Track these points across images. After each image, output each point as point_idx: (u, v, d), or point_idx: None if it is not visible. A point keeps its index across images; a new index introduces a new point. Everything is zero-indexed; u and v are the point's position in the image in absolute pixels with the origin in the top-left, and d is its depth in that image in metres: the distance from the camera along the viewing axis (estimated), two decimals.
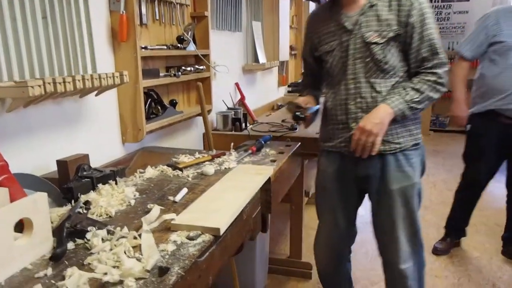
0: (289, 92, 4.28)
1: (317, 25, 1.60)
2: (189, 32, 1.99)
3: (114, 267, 0.85)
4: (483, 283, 2.35)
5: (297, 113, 1.60)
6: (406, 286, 1.60)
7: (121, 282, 0.80)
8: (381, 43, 1.44)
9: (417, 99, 1.44)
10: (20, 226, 0.91)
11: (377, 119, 1.42)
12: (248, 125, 2.57)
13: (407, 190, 1.53)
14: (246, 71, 3.10)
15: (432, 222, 3.18)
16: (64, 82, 1.17)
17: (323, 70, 1.63)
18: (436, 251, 2.71)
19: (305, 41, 1.70)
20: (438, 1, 6.49)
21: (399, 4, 1.44)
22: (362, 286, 2.29)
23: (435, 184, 4.07)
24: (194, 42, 2.08)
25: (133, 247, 0.93)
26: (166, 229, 1.03)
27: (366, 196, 1.66)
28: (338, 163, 1.62)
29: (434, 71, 1.45)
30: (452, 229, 2.75)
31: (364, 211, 1.94)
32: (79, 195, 1.19)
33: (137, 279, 0.81)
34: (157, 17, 1.86)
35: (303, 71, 1.85)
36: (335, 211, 1.67)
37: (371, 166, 1.54)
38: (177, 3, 1.97)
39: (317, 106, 1.67)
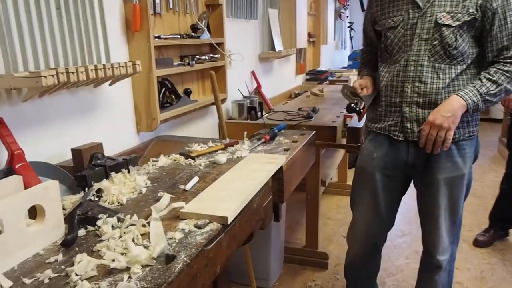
0: (307, 80, 4.23)
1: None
2: (203, 21, 1.99)
3: (122, 254, 0.86)
4: (508, 277, 2.29)
5: (352, 105, 1.52)
6: (438, 277, 1.58)
7: (127, 269, 0.81)
8: (454, 26, 1.34)
9: (493, 92, 1.35)
10: (34, 213, 0.94)
11: (449, 112, 1.34)
12: (264, 113, 2.56)
13: (454, 180, 1.48)
14: (262, 59, 3.08)
15: None
16: (77, 71, 1.19)
17: (381, 45, 1.54)
18: (477, 243, 2.63)
19: (367, 11, 1.59)
20: None
21: None
22: (379, 277, 2.26)
23: None
24: (209, 30, 2.07)
25: (142, 234, 0.95)
26: (175, 217, 1.04)
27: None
28: (386, 147, 1.54)
29: (510, 61, 1.36)
30: (496, 221, 2.68)
31: None
32: (92, 183, 1.21)
33: (144, 266, 0.82)
34: (171, 6, 1.86)
35: (362, 46, 1.75)
36: (378, 197, 1.59)
37: (422, 154, 1.47)
38: None
39: (375, 94, 1.56)
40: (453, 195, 1.49)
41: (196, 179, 1.30)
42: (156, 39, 1.68)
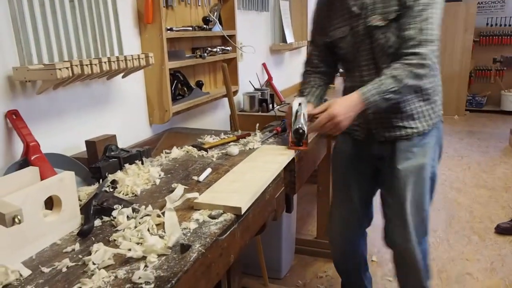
0: None
1: (327, 7, 1.49)
2: (215, 13, 1.98)
3: (137, 243, 0.88)
4: None
5: (301, 130, 1.40)
6: (415, 265, 1.52)
7: (144, 258, 0.83)
8: (382, 26, 1.33)
9: (393, 89, 1.27)
10: (49, 204, 0.95)
11: (349, 111, 1.29)
12: (275, 106, 2.55)
13: (414, 170, 1.45)
14: (274, 51, 3.06)
15: (465, 205, 3.08)
16: (90, 64, 1.20)
17: (336, 55, 1.54)
18: (498, 229, 2.65)
19: (315, 25, 1.57)
20: None
21: None
22: (389, 268, 2.26)
23: (469, 166, 3.93)
24: (220, 23, 2.07)
25: (157, 224, 0.96)
26: (189, 207, 1.05)
27: None
28: (351, 144, 1.59)
29: (417, 50, 1.27)
30: None
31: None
32: (106, 174, 1.23)
33: (159, 255, 0.84)
34: None
35: (307, 58, 1.66)
36: (350, 190, 1.63)
37: (384, 148, 1.49)
38: None
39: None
40: (416, 187, 1.46)
41: (209, 170, 1.30)
42: (168, 31, 1.68)
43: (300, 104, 1.44)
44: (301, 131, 1.40)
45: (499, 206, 3.04)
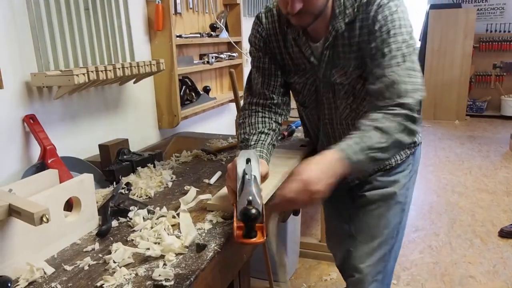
0: None
1: (279, 37, 1.19)
2: (222, 20, 2.03)
3: (155, 243, 0.91)
4: None
5: (253, 211, 0.82)
6: None
7: (162, 256, 0.86)
8: (347, 84, 1.14)
9: (383, 145, 0.95)
10: (68, 206, 0.99)
11: (325, 175, 0.90)
12: None
13: (382, 198, 1.27)
14: None
15: (466, 209, 3.11)
16: (105, 70, 1.24)
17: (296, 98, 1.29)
18: (502, 233, 2.68)
19: (262, 52, 1.23)
20: None
21: (364, 18, 1.05)
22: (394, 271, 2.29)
23: (470, 170, 3.96)
24: (227, 29, 2.11)
25: (172, 225, 0.99)
26: (202, 209, 1.08)
27: None
28: None
29: (402, 101, 0.98)
30: None
31: None
32: (120, 177, 1.26)
33: (177, 254, 0.87)
34: (191, 6, 1.90)
35: (248, 86, 1.29)
36: (334, 217, 1.52)
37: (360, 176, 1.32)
38: None
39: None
40: (381, 218, 1.28)
41: (219, 173, 1.34)
42: (178, 38, 1.73)
43: (248, 161, 0.95)
44: (253, 212, 0.81)
45: (501, 210, 3.07)
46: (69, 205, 0.98)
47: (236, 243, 0.86)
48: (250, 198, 0.85)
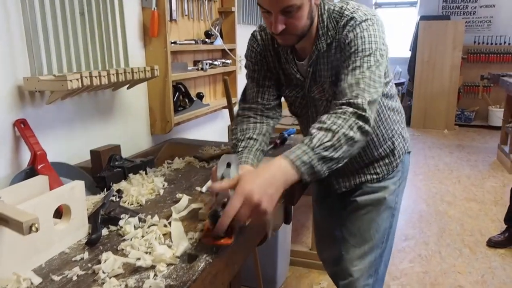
0: None
1: (273, 54, 1.27)
2: (217, 27, 2.03)
3: (146, 253, 0.90)
4: (508, 281, 2.32)
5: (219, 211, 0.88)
6: None
7: (153, 267, 0.85)
8: (324, 99, 1.21)
9: (328, 143, 0.94)
10: (57, 213, 0.97)
11: (267, 183, 0.89)
12: None
13: (372, 203, 1.34)
14: None
15: (455, 218, 3.14)
16: (99, 76, 1.23)
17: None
18: (490, 243, 2.70)
19: (257, 65, 1.29)
20: None
21: (339, 39, 1.12)
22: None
23: (459, 179, 4.01)
24: (221, 36, 2.11)
25: (163, 234, 0.98)
26: (194, 218, 1.07)
27: None
28: (316, 183, 1.52)
29: (352, 101, 1.01)
30: (509, 222, 2.73)
31: None
32: (111, 184, 1.25)
33: (168, 264, 0.86)
34: (186, 13, 1.90)
35: (244, 93, 1.35)
36: (325, 223, 1.58)
37: (347, 184, 1.39)
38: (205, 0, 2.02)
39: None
40: (371, 222, 1.34)
41: (211, 181, 1.33)
42: (172, 44, 1.72)
43: (229, 165, 0.99)
44: (220, 214, 0.86)
45: (489, 220, 3.11)
46: (59, 212, 0.96)
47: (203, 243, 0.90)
48: (226, 200, 0.89)
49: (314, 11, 1.10)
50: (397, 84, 5.93)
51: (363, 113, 0.99)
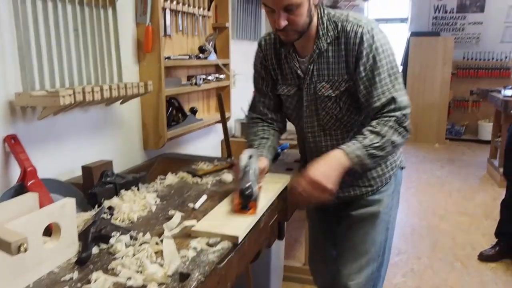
0: None
1: (276, 60, 1.37)
2: (211, 42, 2.04)
3: (137, 272, 0.88)
4: None
5: (248, 192, 1.15)
6: None
7: (144, 286, 0.83)
8: (334, 96, 1.28)
9: (377, 144, 1.18)
10: (47, 230, 0.95)
11: (329, 169, 1.15)
12: None
13: (368, 217, 1.38)
14: None
15: (447, 232, 3.15)
16: (92, 91, 1.22)
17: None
18: (481, 257, 2.70)
19: (262, 72, 1.41)
20: (453, 12, 6.47)
21: (347, 42, 1.23)
22: None
23: (450, 193, 4.03)
24: (215, 51, 2.13)
25: (155, 252, 0.97)
26: (186, 235, 1.06)
27: None
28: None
29: (392, 114, 1.20)
30: (500, 235, 2.75)
31: None
32: (102, 200, 1.23)
33: (159, 284, 0.84)
34: (180, 28, 1.91)
35: (252, 104, 1.51)
36: (320, 238, 1.60)
37: (344, 197, 1.41)
38: (199, 15, 2.03)
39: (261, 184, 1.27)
40: (366, 235, 1.38)
41: (204, 197, 1.32)
42: (166, 60, 1.73)
43: (250, 157, 1.24)
44: (247, 192, 1.14)
45: (480, 234, 3.12)
46: (48, 230, 0.94)
47: (236, 212, 1.17)
48: (247, 185, 1.15)
49: (312, 10, 1.22)
50: None
51: (403, 124, 1.21)
